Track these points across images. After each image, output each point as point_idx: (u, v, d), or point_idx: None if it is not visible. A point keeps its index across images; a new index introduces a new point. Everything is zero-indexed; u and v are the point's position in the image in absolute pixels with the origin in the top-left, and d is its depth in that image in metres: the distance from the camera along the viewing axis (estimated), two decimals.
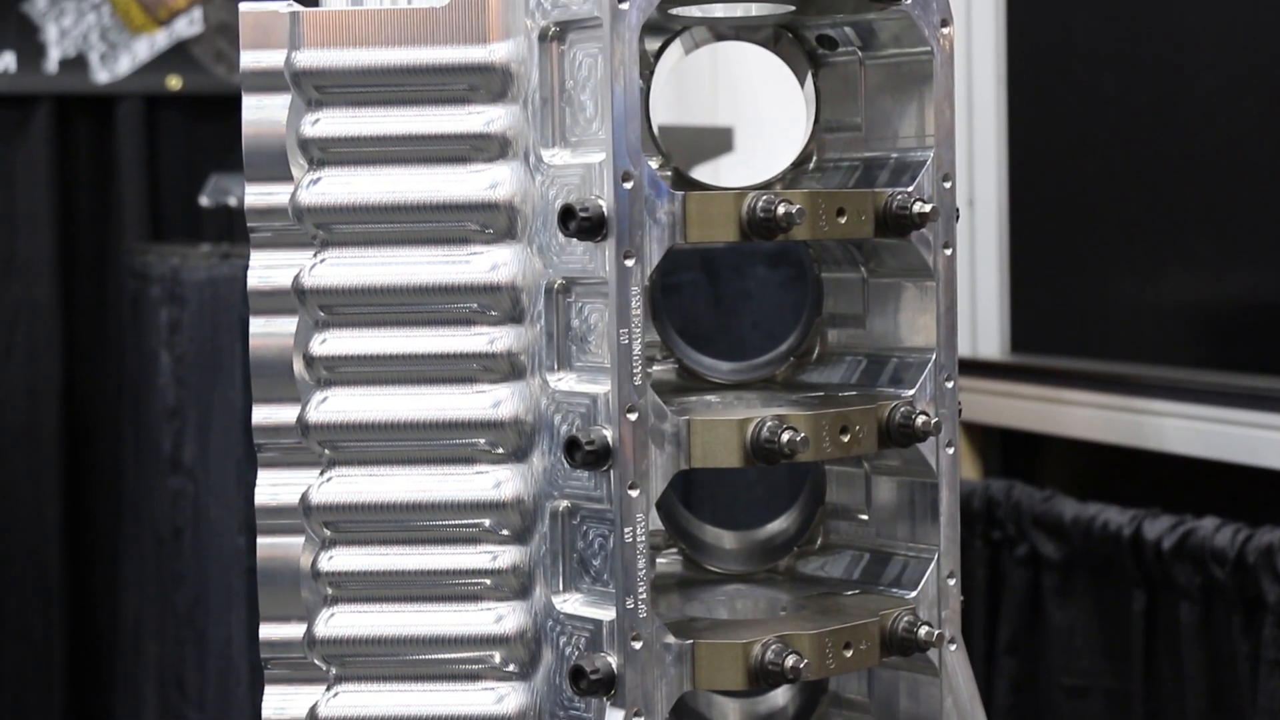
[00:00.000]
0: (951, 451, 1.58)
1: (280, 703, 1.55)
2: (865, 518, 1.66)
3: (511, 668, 1.51)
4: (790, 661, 1.45)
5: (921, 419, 1.53)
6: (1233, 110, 2.33)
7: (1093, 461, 2.54)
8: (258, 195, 1.53)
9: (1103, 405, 2.39)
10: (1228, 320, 2.37)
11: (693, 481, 2.27)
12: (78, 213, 3.77)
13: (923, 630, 1.54)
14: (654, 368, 1.67)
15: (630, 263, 1.43)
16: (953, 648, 1.59)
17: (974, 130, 2.69)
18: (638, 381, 1.43)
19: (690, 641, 1.46)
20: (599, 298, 1.45)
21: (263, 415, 1.54)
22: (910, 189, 1.54)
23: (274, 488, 1.54)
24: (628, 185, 1.42)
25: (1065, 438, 2.50)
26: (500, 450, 1.50)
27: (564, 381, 1.49)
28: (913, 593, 1.58)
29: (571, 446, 1.44)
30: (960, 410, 1.60)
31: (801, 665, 1.45)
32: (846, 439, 1.50)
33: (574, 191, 1.45)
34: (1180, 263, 2.42)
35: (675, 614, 1.57)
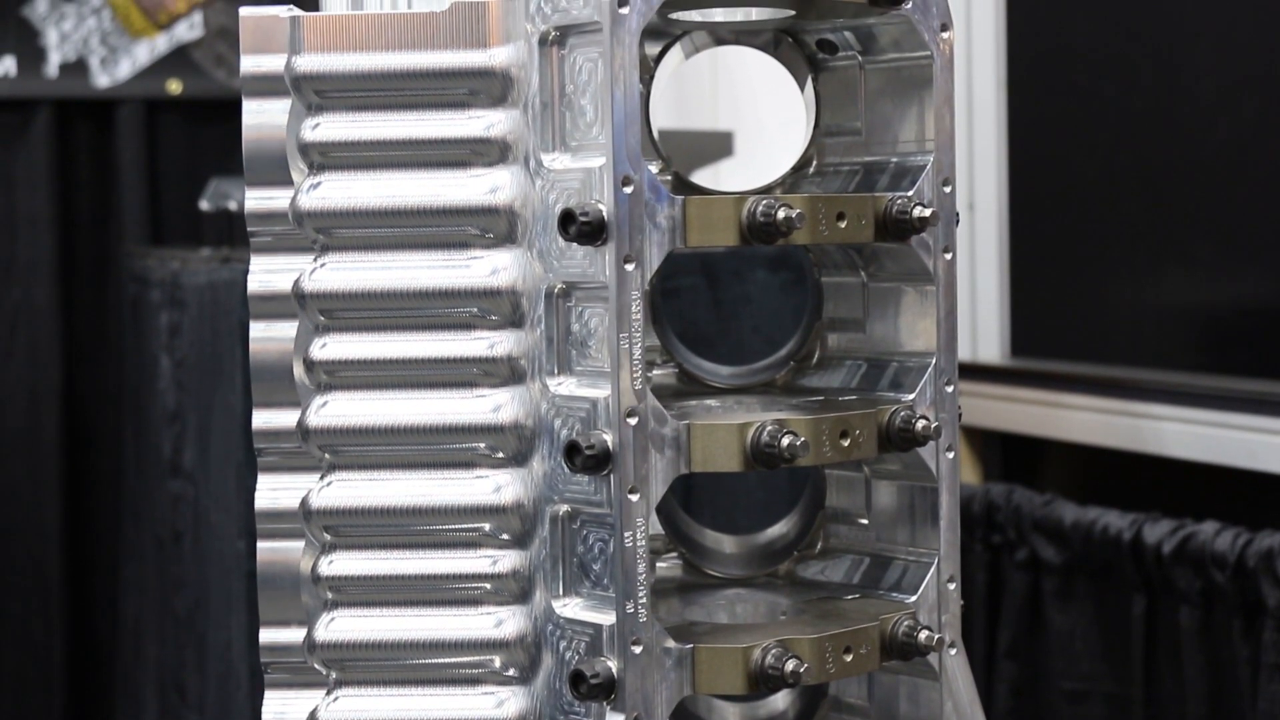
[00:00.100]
0: (951, 456, 1.58)
1: (280, 707, 1.55)
2: (865, 522, 1.66)
3: (511, 672, 1.51)
4: (790, 666, 1.45)
5: (921, 423, 1.53)
6: (1232, 114, 2.33)
7: (1093, 465, 2.54)
8: (258, 199, 1.53)
9: (1103, 409, 2.39)
10: (1228, 324, 2.37)
11: (693, 486, 2.27)
12: (78, 217, 3.77)
13: (923, 634, 1.54)
14: (654, 372, 1.67)
15: (630, 267, 1.43)
16: (953, 652, 1.59)
17: (974, 134, 2.69)
18: (638, 386, 1.43)
19: (690, 646, 1.46)
20: (599, 302, 1.45)
21: (263, 419, 1.54)
22: (910, 193, 1.54)
23: (274, 492, 1.54)
24: (628, 189, 1.42)
25: (1065, 442, 2.50)
26: (500, 455, 1.50)
27: (564, 386, 1.49)
28: (913, 597, 1.57)
29: (571, 451, 1.44)
30: (960, 414, 1.60)
31: (801, 670, 1.45)
32: (846, 443, 1.50)
33: (574, 196, 1.45)
34: (1180, 267, 2.42)
35: (675, 618, 1.57)
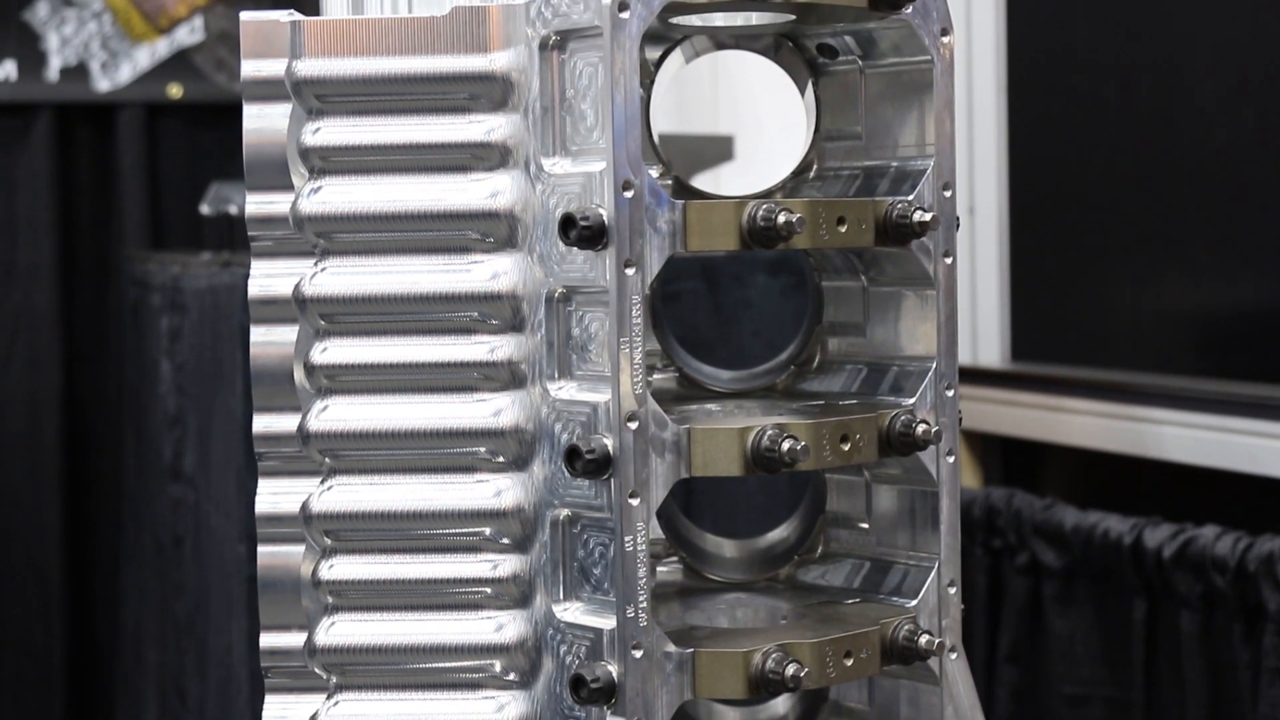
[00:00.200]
0: (952, 460, 1.58)
1: (281, 711, 1.55)
2: (866, 526, 1.66)
3: (512, 676, 1.51)
4: (791, 670, 1.45)
5: (922, 427, 1.53)
6: (1232, 118, 2.33)
7: (1093, 469, 2.54)
8: (258, 204, 1.53)
9: (1103, 413, 2.39)
10: (1227, 328, 2.37)
11: (693, 490, 2.27)
12: (79, 221, 3.77)
13: (923, 639, 1.54)
14: (654, 376, 1.67)
15: (631, 271, 1.43)
16: (953, 656, 1.59)
17: (974, 138, 2.69)
18: (638, 390, 1.43)
19: (691, 650, 1.46)
20: (599, 306, 1.45)
21: (263, 424, 1.54)
22: (910, 197, 1.54)
23: (274, 496, 1.54)
24: (628, 194, 1.42)
25: (1066, 446, 2.50)
26: (501, 459, 1.50)
27: (564, 390, 1.49)
28: (913, 601, 1.57)
29: (572, 455, 1.44)
30: (961, 419, 1.60)
31: (802, 674, 1.45)
32: (847, 447, 1.50)
33: (575, 200, 1.45)
34: (1180, 271, 2.42)
35: (676, 622, 1.57)
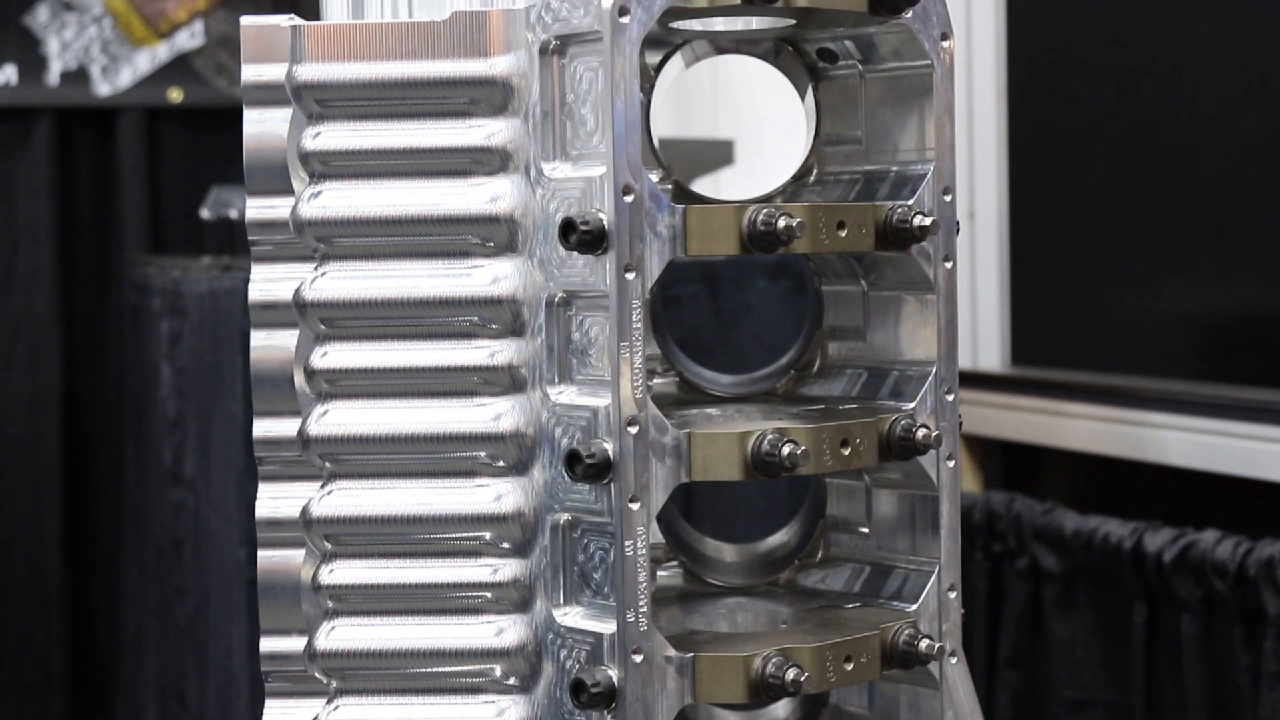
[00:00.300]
0: (952, 464, 1.58)
1: (281, 716, 1.55)
2: (866, 531, 1.66)
3: (512, 681, 1.51)
4: (791, 675, 1.45)
5: (922, 432, 1.53)
6: (1232, 123, 2.33)
7: (1093, 474, 2.54)
8: (259, 208, 1.53)
9: (1103, 418, 2.39)
10: (1228, 332, 2.37)
11: (693, 494, 2.27)
12: (79, 225, 3.77)
13: (923, 643, 1.54)
14: (654, 381, 1.67)
15: (631, 276, 1.43)
16: (954, 661, 1.59)
17: (974, 143, 2.69)
18: (638, 394, 1.43)
19: (691, 655, 1.46)
20: (600, 311, 1.45)
21: (263, 428, 1.54)
22: (910, 202, 1.54)
23: (274, 500, 1.54)
24: (628, 198, 1.42)
25: (1066, 450, 2.50)
26: (501, 463, 1.50)
27: (565, 394, 1.48)
28: (913, 605, 1.57)
29: (572, 460, 1.44)
30: (961, 423, 1.59)
31: (802, 678, 1.45)
32: (847, 452, 1.50)
33: (575, 205, 1.45)
34: (1180, 275, 2.42)
35: (676, 627, 1.57)
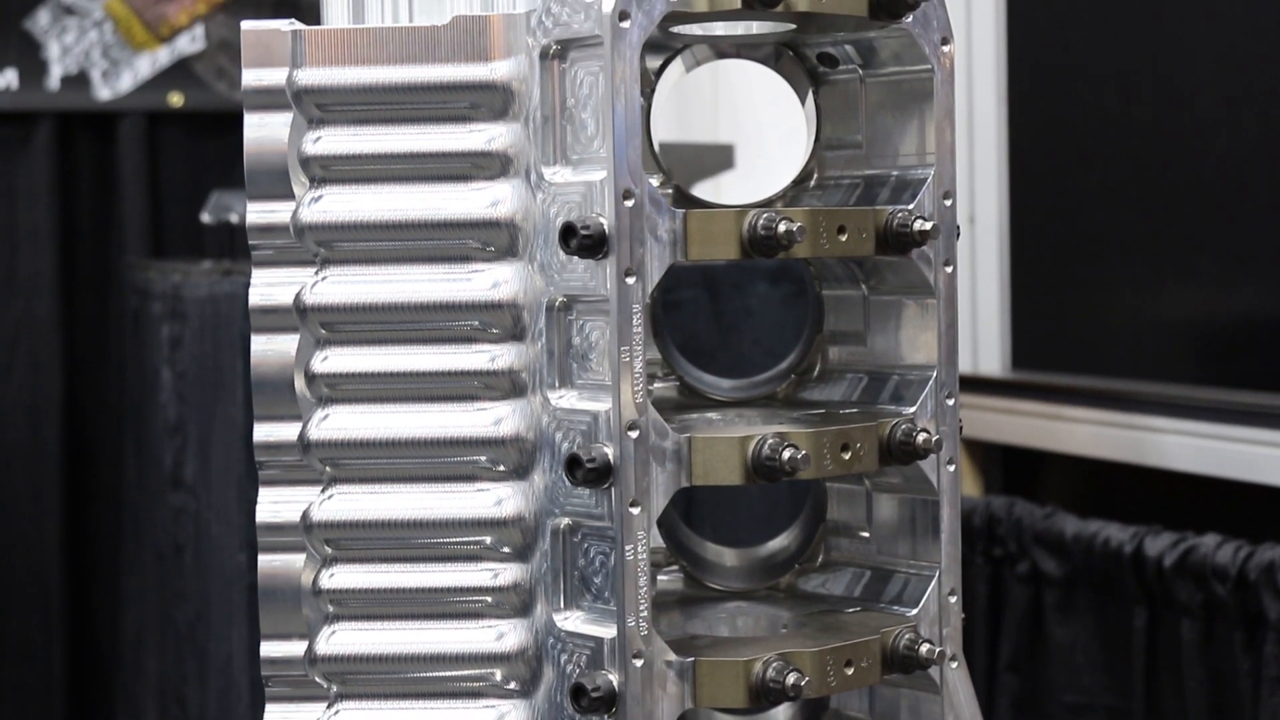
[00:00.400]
0: (952, 469, 1.58)
1: None
2: (866, 535, 1.66)
3: (513, 685, 1.51)
4: (791, 679, 1.45)
5: (922, 436, 1.53)
6: (1232, 128, 2.33)
7: (1094, 478, 2.53)
8: (259, 212, 1.53)
9: (1104, 422, 2.39)
10: (1228, 336, 2.37)
11: (694, 499, 2.27)
12: (79, 229, 3.77)
13: (924, 648, 1.54)
14: (655, 385, 1.67)
15: (631, 280, 1.43)
16: (954, 665, 1.59)
17: (975, 147, 2.69)
18: (639, 399, 1.43)
19: (691, 659, 1.46)
20: (600, 315, 1.45)
21: (264, 432, 1.54)
22: (911, 206, 1.54)
23: (275, 505, 1.54)
24: (629, 203, 1.42)
25: (1066, 454, 2.49)
26: (501, 468, 1.50)
27: (565, 399, 1.49)
28: (914, 610, 1.57)
29: (572, 464, 1.44)
30: (961, 427, 1.60)
31: (803, 683, 1.45)
32: (847, 456, 1.50)
33: (575, 209, 1.45)
34: (1181, 279, 2.42)
35: (676, 631, 1.57)
